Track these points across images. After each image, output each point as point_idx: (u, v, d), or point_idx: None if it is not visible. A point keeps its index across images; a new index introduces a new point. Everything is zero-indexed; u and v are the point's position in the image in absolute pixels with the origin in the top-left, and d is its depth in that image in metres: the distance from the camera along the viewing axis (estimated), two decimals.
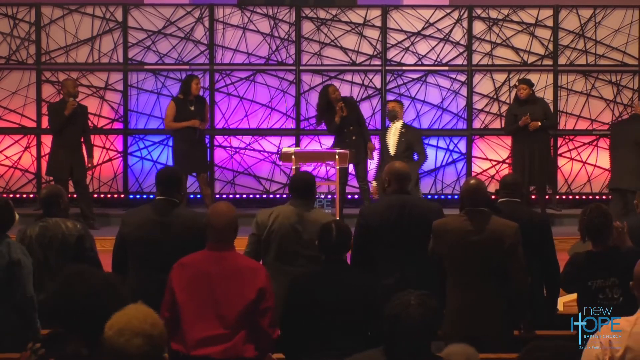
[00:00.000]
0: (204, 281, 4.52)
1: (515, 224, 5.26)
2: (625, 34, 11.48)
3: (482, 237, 5.19)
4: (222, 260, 4.58)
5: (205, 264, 4.58)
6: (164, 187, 5.69)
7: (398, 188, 5.85)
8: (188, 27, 11.41)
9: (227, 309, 4.48)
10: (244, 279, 4.52)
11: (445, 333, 5.24)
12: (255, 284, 4.51)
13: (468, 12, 11.44)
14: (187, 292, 4.52)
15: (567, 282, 5.52)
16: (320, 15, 11.47)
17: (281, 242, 5.70)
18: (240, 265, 4.59)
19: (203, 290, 4.51)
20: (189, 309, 4.49)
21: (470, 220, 5.24)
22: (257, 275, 4.56)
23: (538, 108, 10.55)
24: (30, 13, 11.39)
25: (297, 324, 4.72)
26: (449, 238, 5.27)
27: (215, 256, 4.60)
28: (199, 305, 4.50)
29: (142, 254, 5.54)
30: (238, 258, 4.65)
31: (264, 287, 4.52)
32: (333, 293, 4.68)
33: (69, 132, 10.43)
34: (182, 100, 10.41)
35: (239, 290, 4.49)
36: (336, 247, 4.84)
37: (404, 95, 11.43)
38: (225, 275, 4.52)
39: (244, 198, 11.48)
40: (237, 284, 4.51)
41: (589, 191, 11.45)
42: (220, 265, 4.55)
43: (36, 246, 5.73)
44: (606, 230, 5.35)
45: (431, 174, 11.47)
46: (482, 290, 5.19)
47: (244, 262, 4.67)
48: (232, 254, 4.64)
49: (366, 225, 5.78)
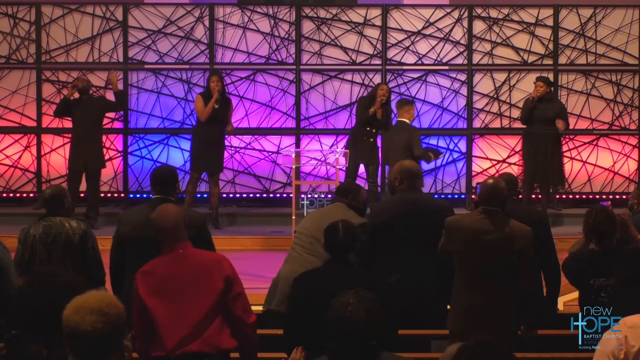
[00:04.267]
0: (172, 283, 4.53)
1: (529, 228, 5.27)
2: (625, 34, 11.48)
3: (496, 237, 5.19)
4: (184, 259, 4.58)
5: (168, 266, 4.57)
6: (160, 186, 5.70)
7: (409, 186, 5.86)
8: (188, 26, 11.41)
9: (199, 305, 4.50)
10: (211, 272, 4.54)
11: (452, 331, 5.25)
12: (221, 273, 4.54)
13: (468, 11, 11.44)
14: (156, 297, 4.51)
15: (570, 275, 5.53)
16: (320, 15, 11.46)
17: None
18: (204, 259, 4.62)
19: (172, 292, 4.52)
20: (161, 313, 4.49)
21: (486, 219, 5.24)
22: (222, 265, 4.58)
23: (553, 107, 10.42)
24: (30, 12, 11.39)
25: (301, 323, 4.71)
26: (462, 235, 5.26)
27: (175, 257, 4.59)
28: (170, 308, 4.50)
29: (141, 253, 5.53)
30: (198, 253, 4.66)
31: (230, 275, 4.55)
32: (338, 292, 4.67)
33: (82, 125, 10.40)
34: (205, 95, 10.32)
35: (207, 283, 4.52)
36: (342, 246, 4.84)
37: (404, 94, 11.43)
38: (192, 273, 4.54)
39: (244, 197, 11.48)
40: (204, 278, 4.53)
41: (589, 191, 11.45)
42: (185, 265, 4.57)
43: (39, 245, 5.76)
44: (610, 232, 5.36)
45: (431, 173, 11.47)
46: (492, 290, 5.18)
47: (206, 255, 4.70)
48: (190, 251, 4.64)
49: (375, 225, 5.78)
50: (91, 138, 10.48)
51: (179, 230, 4.63)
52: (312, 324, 4.65)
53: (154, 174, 5.85)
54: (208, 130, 10.29)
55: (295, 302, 4.77)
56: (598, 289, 5.27)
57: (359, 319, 3.38)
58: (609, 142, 11.53)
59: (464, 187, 11.44)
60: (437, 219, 5.66)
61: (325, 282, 4.71)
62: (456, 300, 5.32)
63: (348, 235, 4.85)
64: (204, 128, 10.30)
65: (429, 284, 5.69)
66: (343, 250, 4.85)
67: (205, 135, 10.30)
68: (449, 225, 5.38)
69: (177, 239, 4.62)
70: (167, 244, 4.63)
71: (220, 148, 10.55)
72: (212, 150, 10.37)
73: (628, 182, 11.46)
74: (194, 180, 10.44)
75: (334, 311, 3.43)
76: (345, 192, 6.08)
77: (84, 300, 2.99)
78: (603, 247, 5.38)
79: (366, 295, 3.45)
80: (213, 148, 10.38)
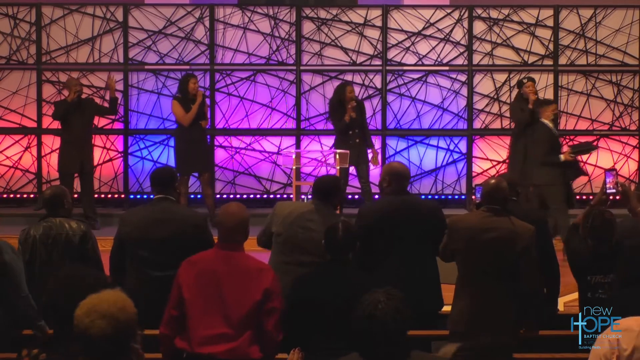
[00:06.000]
0: (211, 279, 4.53)
1: (532, 227, 5.27)
2: (625, 34, 11.48)
3: (498, 235, 5.19)
4: (230, 259, 4.59)
5: (213, 262, 4.59)
6: (161, 185, 5.72)
7: (397, 188, 5.84)
8: (188, 27, 11.41)
9: (233, 309, 4.49)
10: (251, 280, 4.52)
11: (452, 331, 5.25)
12: (261, 284, 4.51)
13: (468, 12, 11.44)
14: (194, 289, 4.52)
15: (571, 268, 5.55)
16: (320, 15, 11.47)
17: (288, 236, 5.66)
18: (248, 265, 4.60)
19: (210, 288, 4.52)
20: (196, 306, 4.50)
21: (489, 217, 5.24)
22: (264, 276, 4.56)
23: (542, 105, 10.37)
24: (30, 13, 11.39)
25: (300, 323, 4.71)
26: (465, 233, 5.26)
27: (223, 255, 4.61)
28: (205, 303, 4.50)
29: (142, 253, 5.55)
30: (246, 259, 4.65)
31: (269, 288, 4.52)
32: (337, 292, 4.67)
33: (76, 127, 10.42)
34: (182, 99, 10.39)
35: (245, 290, 4.50)
36: (342, 246, 4.84)
37: (404, 95, 11.43)
38: (233, 275, 4.53)
39: (245, 198, 11.48)
40: (243, 284, 4.51)
41: (589, 191, 11.45)
42: (228, 265, 4.56)
43: (40, 246, 5.75)
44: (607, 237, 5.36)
45: (431, 174, 11.47)
46: (494, 289, 5.18)
47: (252, 262, 4.66)
48: (240, 254, 4.64)
49: (365, 226, 5.77)
50: (85, 140, 10.51)
51: (236, 232, 4.65)
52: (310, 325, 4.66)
53: (153, 175, 5.87)
54: (190, 131, 10.34)
55: (294, 303, 4.77)
56: (595, 285, 5.28)
57: (390, 317, 3.36)
58: (609, 143, 11.54)
59: (464, 188, 11.44)
60: (425, 220, 5.66)
61: (324, 283, 4.72)
62: (457, 300, 5.32)
63: (347, 236, 4.85)
64: (186, 130, 10.36)
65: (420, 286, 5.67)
66: (343, 251, 4.85)
67: (187, 137, 10.34)
68: (451, 224, 5.39)
69: (231, 239, 4.64)
70: (222, 240, 4.67)
71: (204, 148, 10.63)
72: (197, 151, 10.43)
73: (628, 182, 11.45)
74: (184, 182, 10.44)
75: (364, 310, 3.40)
76: (326, 195, 5.77)
77: (97, 302, 3.03)
78: (600, 249, 5.38)
79: (396, 294, 3.44)
80: (197, 149, 10.44)
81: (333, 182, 5.92)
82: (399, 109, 11.47)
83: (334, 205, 5.81)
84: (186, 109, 10.30)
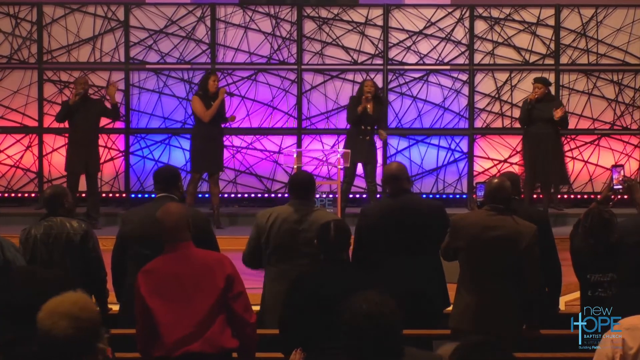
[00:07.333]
0: (173, 283, 4.52)
1: (535, 226, 5.26)
2: (626, 33, 11.48)
3: (500, 234, 5.19)
4: (185, 259, 4.58)
5: (170, 266, 4.56)
6: (163, 184, 5.72)
7: (396, 189, 5.84)
8: (190, 26, 11.41)
9: (200, 304, 4.50)
10: (212, 271, 4.54)
11: (454, 330, 5.24)
12: (222, 272, 4.53)
13: (470, 11, 11.43)
14: (158, 297, 4.50)
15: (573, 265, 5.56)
16: (321, 15, 11.47)
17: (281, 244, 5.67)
18: (206, 258, 4.62)
19: (173, 291, 4.51)
20: (163, 313, 4.48)
21: (492, 216, 5.24)
22: (223, 264, 4.58)
23: (552, 106, 10.37)
24: (31, 12, 11.39)
25: (297, 323, 4.71)
26: (468, 231, 5.26)
27: (177, 256, 4.59)
28: (172, 307, 4.49)
29: (143, 251, 5.54)
30: (199, 253, 4.65)
31: (231, 274, 4.54)
32: (332, 292, 4.67)
33: (81, 127, 10.41)
34: (203, 96, 10.35)
35: (209, 283, 4.51)
36: (335, 245, 4.82)
37: (405, 94, 11.43)
38: (194, 272, 4.53)
39: (246, 197, 11.49)
40: (206, 277, 4.53)
41: (590, 190, 11.45)
42: (186, 264, 4.56)
43: (40, 245, 5.75)
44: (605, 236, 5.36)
45: (433, 173, 11.47)
46: (496, 288, 5.18)
47: (208, 255, 4.69)
48: (193, 251, 4.63)
49: (367, 225, 5.77)
50: (91, 140, 10.51)
51: (181, 229, 4.62)
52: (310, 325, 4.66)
53: (156, 173, 5.88)
54: (208, 129, 10.29)
55: (294, 303, 4.76)
56: (595, 284, 5.29)
57: (380, 316, 3.32)
58: (611, 142, 11.53)
59: (466, 187, 11.43)
60: (427, 219, 5.66)
61: (323, 282, 4.71)
62: (459, 299, 5.32)
63: (339, 235, 4.83)
64: (204, 128, 10.30)
65: (421, 285, 5.67)
66: (336, 250, 4.83)
67: (205, 134, 10.30)
68: (454, 223, 5.39)
69: (179, 238, 4.61)
70: (169, 242, 4.62)
71: (220, 147, 10.57)
72: (213, 150, 10.38)
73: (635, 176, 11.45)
74: (195, 180, 10.44)
75: (352, 310, 3.36)
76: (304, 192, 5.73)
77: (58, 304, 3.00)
78: (598, 247, 5.38)
79: (384, 295, 3.42)
80: (213, 147, 10.39)
81: (308, 177, 5.91)
82: (400, 108, 11.47)
83: (312, 202, 5.84)
84: (207, 106, 10.27)
